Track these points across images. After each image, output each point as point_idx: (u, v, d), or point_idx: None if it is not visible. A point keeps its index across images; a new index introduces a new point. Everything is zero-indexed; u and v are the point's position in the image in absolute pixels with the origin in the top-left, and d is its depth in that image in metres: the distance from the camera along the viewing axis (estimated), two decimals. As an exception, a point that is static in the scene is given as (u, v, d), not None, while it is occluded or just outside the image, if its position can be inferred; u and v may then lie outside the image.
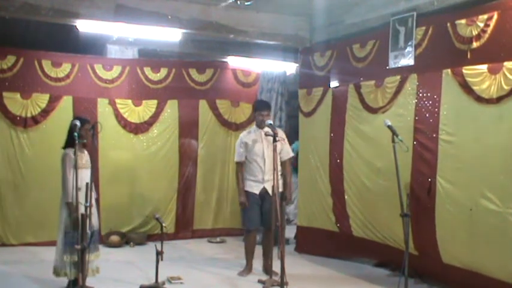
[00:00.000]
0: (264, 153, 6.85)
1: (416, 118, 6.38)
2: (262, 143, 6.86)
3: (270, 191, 6.74)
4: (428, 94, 6.25)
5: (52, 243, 6.02)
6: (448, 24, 5.94)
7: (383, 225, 6.86)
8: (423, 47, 6.37)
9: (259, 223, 6.97)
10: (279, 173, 6.88)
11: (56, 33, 8.97)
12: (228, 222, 9.66)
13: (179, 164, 9.29)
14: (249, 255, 7.05)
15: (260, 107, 7.03)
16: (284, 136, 7.03)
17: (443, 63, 6.05)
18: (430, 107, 6.20)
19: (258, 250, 7.14)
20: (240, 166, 6.99)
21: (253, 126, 7.09)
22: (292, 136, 10.14)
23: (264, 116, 6.86)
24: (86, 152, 6.03)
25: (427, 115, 6.22)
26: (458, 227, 5.79)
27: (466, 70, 5.70)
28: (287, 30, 8.49)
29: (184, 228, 9.38)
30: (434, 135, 6.09)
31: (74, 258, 5.67)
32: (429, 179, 6.11)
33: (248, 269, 7.01)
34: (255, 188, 6.89)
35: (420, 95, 6.36)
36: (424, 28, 6.36)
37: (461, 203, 5.75)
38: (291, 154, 7.09)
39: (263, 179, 6.85)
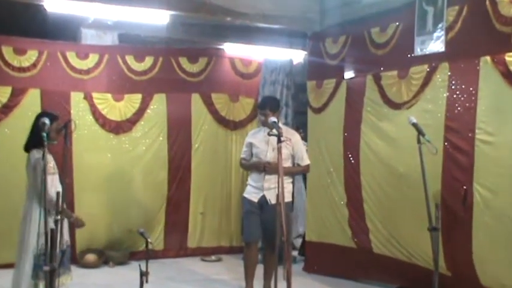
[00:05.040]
0: (267, 156, 6.82)
1: (448, 115, 6.26)
2: (267, 146, 6.83)
3: (270, 201, 6.73)
4: (463, 86, 6.11)
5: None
6: (487, 3, 5.78)
7: (409, 241, 6.77)
8: (456, 30, 6.22)
9: (258, 235, 6.94)
10: (289, 180, 6.83)
11: (19, 14, 8.88)
12: (229, 239, 9.62)
13: (168, 169, 9.22)
14: (248, 273, 6.97)
15: (260, 104, 7.11)
16: (296, 138, 6.96)
17: (480, 50, 5.90)
18: (464, 102, 6.07)
19: (260, 270, 7.07)
20: (244, 159, 7.12)
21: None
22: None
23: (265, 116, 6.80)
24: (51, 155, 5.86)
25: (461, 111, 6.10)
26: (500, 243, 5.66)
27: (510, 57, 5.54)
28: (293, 11, 8.41)
29: (175, 244, 9.31)
30: (470, 135, 5.96)
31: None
32: (464, 187, 5.99)
33: None
34: (253, 195, 6.89)
35: (453, 87, 6.24)
36: (457, 8, 6.21)
37: (503, 215, 5.61)
38: (306, 161, 6.98)
39: (263, 187, 6.81)
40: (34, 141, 5.65)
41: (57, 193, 5.40)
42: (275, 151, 6.58)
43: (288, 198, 6.53)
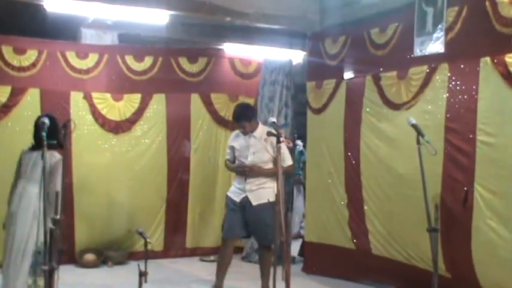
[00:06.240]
0: (248, 160, 6.80)
1: (448, 116, 6.21)
2: (248, 150, 6.83)
3: (253, 202, 6.72)
4: (463, 87, 6.05)
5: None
6: (487, 3, 5.71)
7: (408, 242, 6.70)
8: (456, 31, 6.16)
9: (237, 233, 6.94)
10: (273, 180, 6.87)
11: (19, 14, 8.82)
12: None
13: (168, 169, 9.18)
14: (221, 269, 6.94)
15: (234, 118, 7.01)
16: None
17: (480, 51, 5.84)
18: (465, 103, 6.01)
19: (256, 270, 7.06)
20: (229, 162, 7.13)
21: None
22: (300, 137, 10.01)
23: (243, 127, 6.83)
24: None
25: (462, 112, 6.04)
26: (500, 245, 5.58)
27: (510, 58, 5.48)
28: (293, 11, 8.36)
29: (175, 245, 9.27)
30: (470, 136, 5.90)
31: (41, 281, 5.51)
32: (465, 188, 5.92)
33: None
34: (236, 195, 6.90)
35: (452, 88, 6.18)
36: (456, 8, 6.14)
37: (504, 217, 5.55)
38: (289, 162, 6.93)
39: (245, 188, 6.81)
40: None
41: (57, 193, 5.41)
42: (256, 154, 6.73)
43: (272, 197, 6.61)
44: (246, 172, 6.74)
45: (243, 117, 6.82)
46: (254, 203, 6.72)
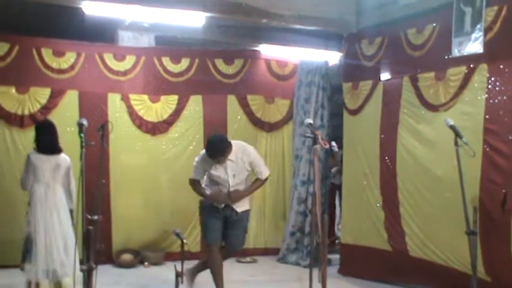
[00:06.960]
0: (229, 185, 6.53)
1: (487, 117, 6.08)
2: (226, 174, 6.52)
3: (239, 210, 6.61)
4: (502, 88, 5.93)
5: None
6: (528, 2, 5.62)
7: (446, 244, 6.59)
8: (495, 31, 6.04)
9: (220, 237, 6.74)
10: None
11: (57, 17, 8.86)
12: (265, 240, 9.53)
13: None
14: (217, 276, 6.68)
15: (210, 155, 6.45)
16: (251, 153, 6.65)
17: (521, 51, 5.72)
18: (504, 104, 5.89)
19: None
20: (197, 182, 6.69)
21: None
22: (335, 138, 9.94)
23: (220, 161, 6.44)
24: None
25: (501, 113, 5.91)
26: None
27: (551, 58, 5.37)
28: (330, 13, 8.27)
29: None
30: (510, 138, 5.79)
31: None
32: (503, 190, 5.80)
33: None
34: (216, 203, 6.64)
35: (492, 89, 6.06)
36: (496, 8, 6.03)
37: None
38: (264, 174, 6.68)
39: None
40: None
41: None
42: (236, 176, 6.48)
43: (248, 206, 6.72)
44: (231, 199, 6.48)
45: (218, 153, 6.40)
46: (239, 210, 6.60)
